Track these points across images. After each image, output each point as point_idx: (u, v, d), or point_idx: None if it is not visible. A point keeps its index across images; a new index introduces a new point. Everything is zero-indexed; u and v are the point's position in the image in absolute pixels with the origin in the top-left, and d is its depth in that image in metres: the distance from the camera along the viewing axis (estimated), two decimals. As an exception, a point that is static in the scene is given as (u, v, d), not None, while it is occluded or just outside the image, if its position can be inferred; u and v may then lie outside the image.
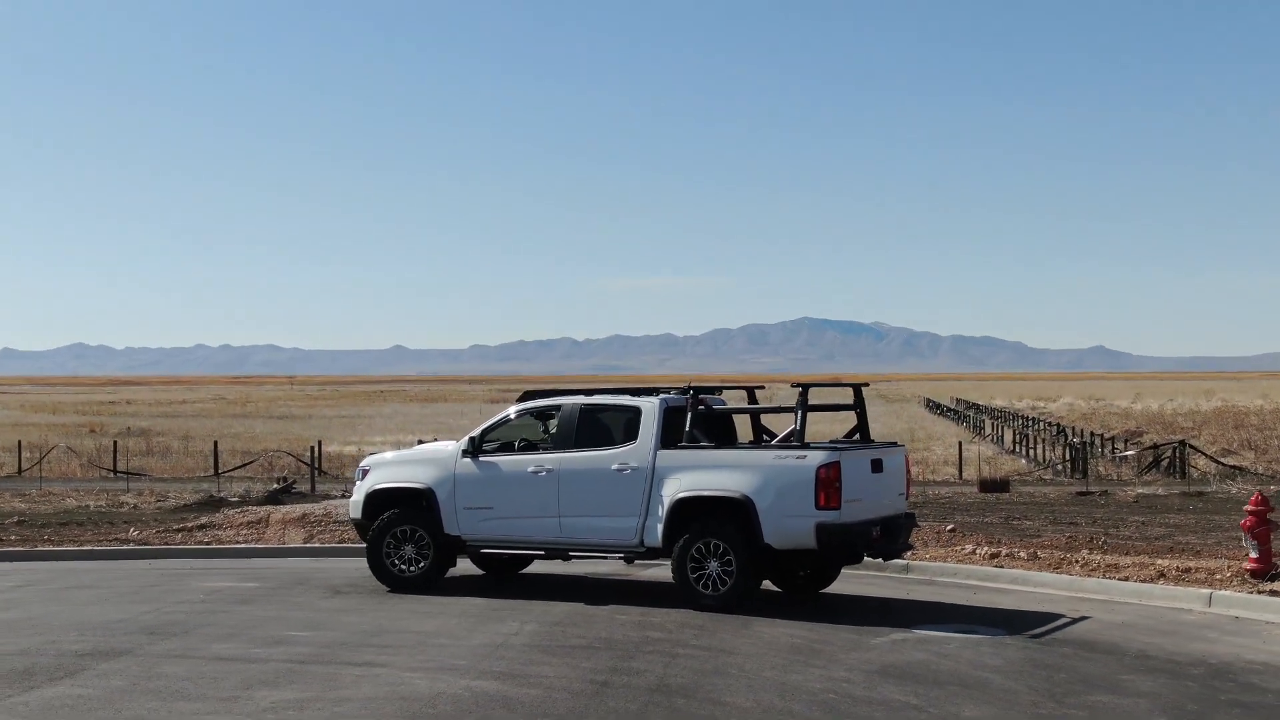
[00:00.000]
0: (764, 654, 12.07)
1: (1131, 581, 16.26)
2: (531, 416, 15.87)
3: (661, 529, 14.55)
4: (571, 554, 15.34)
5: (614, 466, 14.86)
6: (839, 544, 14.06)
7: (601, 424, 15.27)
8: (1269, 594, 14.98)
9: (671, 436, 14.85)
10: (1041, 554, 18.15)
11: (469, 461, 15.63)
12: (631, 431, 14.94)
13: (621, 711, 9.93)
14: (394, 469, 16.23)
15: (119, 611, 14.44)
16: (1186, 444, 38.46)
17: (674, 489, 14.51)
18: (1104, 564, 17.34)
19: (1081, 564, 17.40)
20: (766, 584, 15.54)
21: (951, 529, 20.50)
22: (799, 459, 14.03)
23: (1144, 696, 10.76)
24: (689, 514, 14.48)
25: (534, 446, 15.57)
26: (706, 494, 14.36)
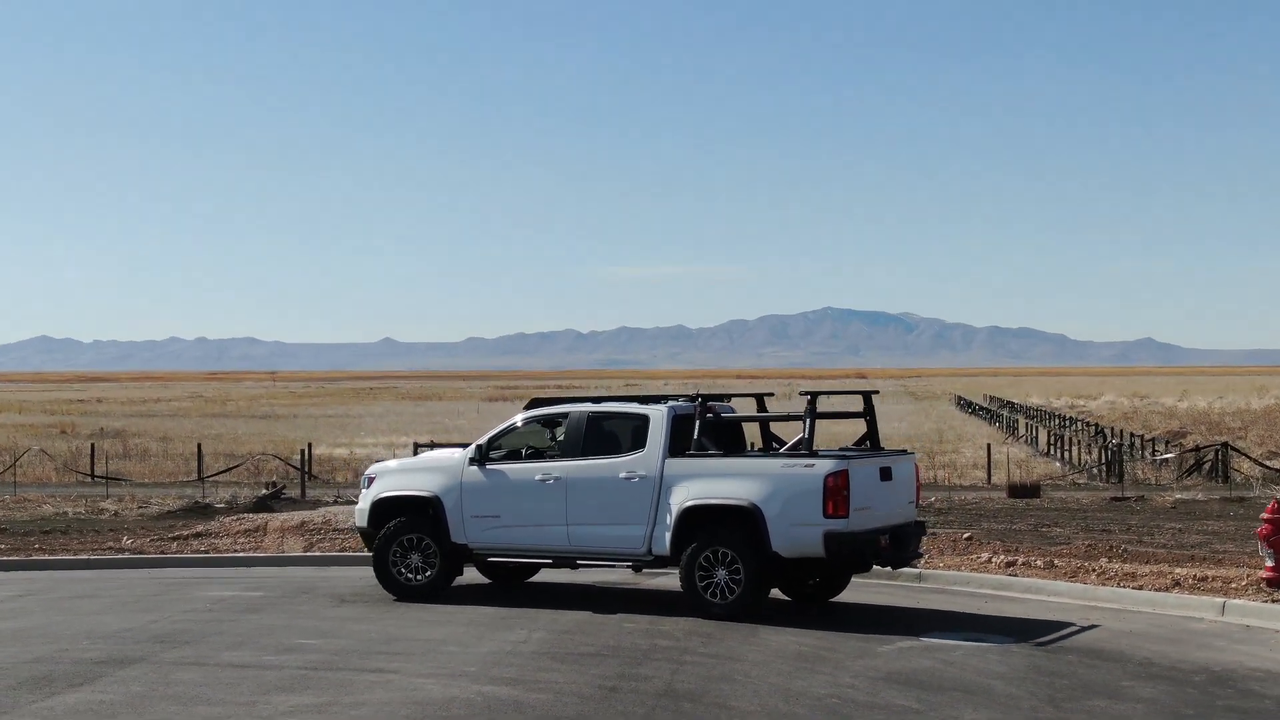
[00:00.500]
0: (770, 661, 13.26)
1: (1145, 590, 17.42)
2: (538, 424, 17.08)
3: (669, 537, 15.76)
4: (579, 562, 16.59)
5: (622, 475, 16.06)
6: (847, 553, 15.25)
7: (609, 432, 16.48)
8: (1282, 603, 16.12)
9: (679, 445, 16.05)
10: (1059, 562, 19.31)
11: (476, 469, 16.84)
12: (639, 440, 16.14)
13: (629, 715, 11.11)
14: (400, 477, 17.45)
15: (126, 620, 15.66)
16: (1229, 446, 39.49)
17: (682, 497, 15.71)
18: (1121, 572, 18.50)
19: (1098, 573, 18.56)
20: (775, 593, 16.72)
21: (968, 537, 21.65)
22: (807, 467, 15.22)
23: (1142, 702, 11.92)
24: (697, 522, 15.68)
25: (541, 454, 16.79)
26: (714, 502, 15.56)
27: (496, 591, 17.86)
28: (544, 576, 18.79)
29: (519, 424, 17.12)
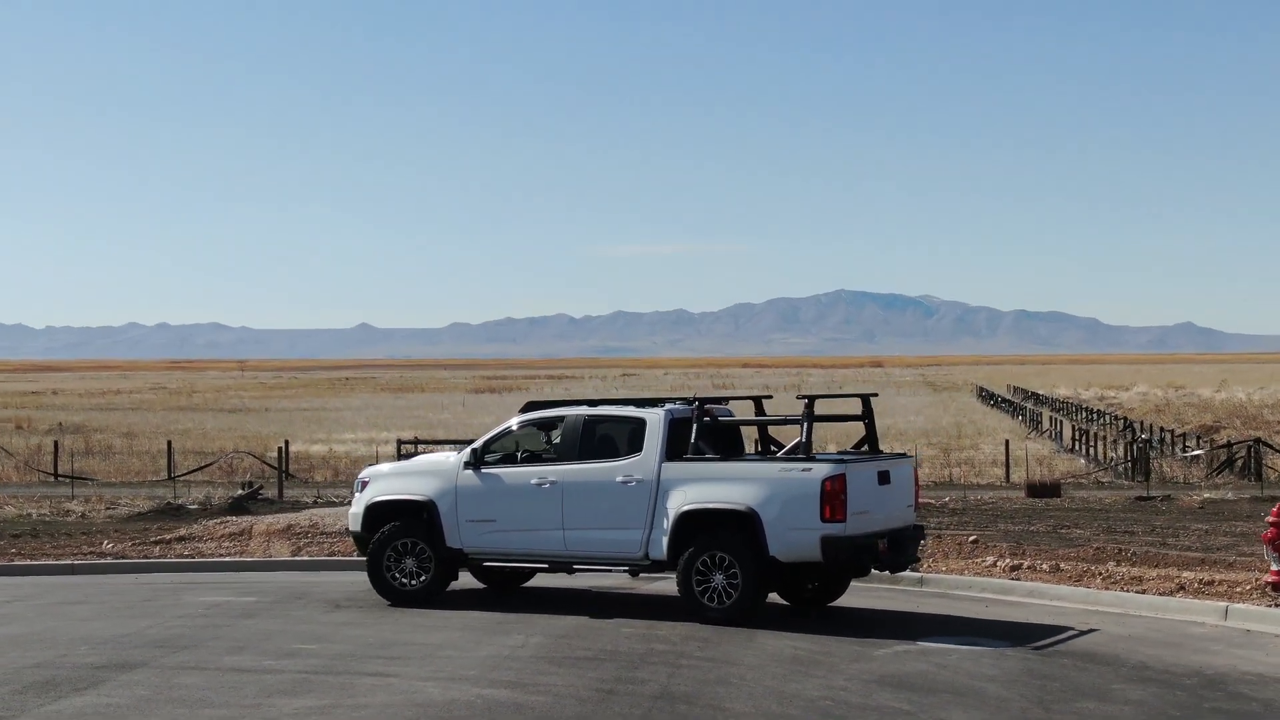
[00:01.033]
0: (766, 664, 14.53)
1: (1149, 595, 18.70)
2: (534, 427, 18.33)
3: (666, 542, 17.01)
4: (576, 567, 17.87)
5: (618, 479, 17.31)
6: (844, 557, 16.52)
7: (605, 436, 17.75)
8: (1285, 607, 17.38)
9: (676, 448, 17.30)
10: (1065, 566, 20.57)
11: (471, 473, 18.10)
12: (636, 443, 17.39)
13: (627, 716, 12.37)
14: (394, 481, 18.71)
15: (122, 626, 16.92)
16: (1262, 442, 40.53)
17: (679, 501, 16.97)
18: (1128, 576, 19.77)
19: (1104, 577, 19.83)
20: (774, 597, 17.94)
21: (974, 540, 22.91)
22: (804, 471, 16.47)
23: (1130, 704, 13.18)
24: (694, 527, 16.94)
25: (537, 458, 18.05)
26: (712, 507, 16.82)
27: (491, 597, 19.12)
28: (539, 581, 20.02)
29: (514, 427, 18.36)
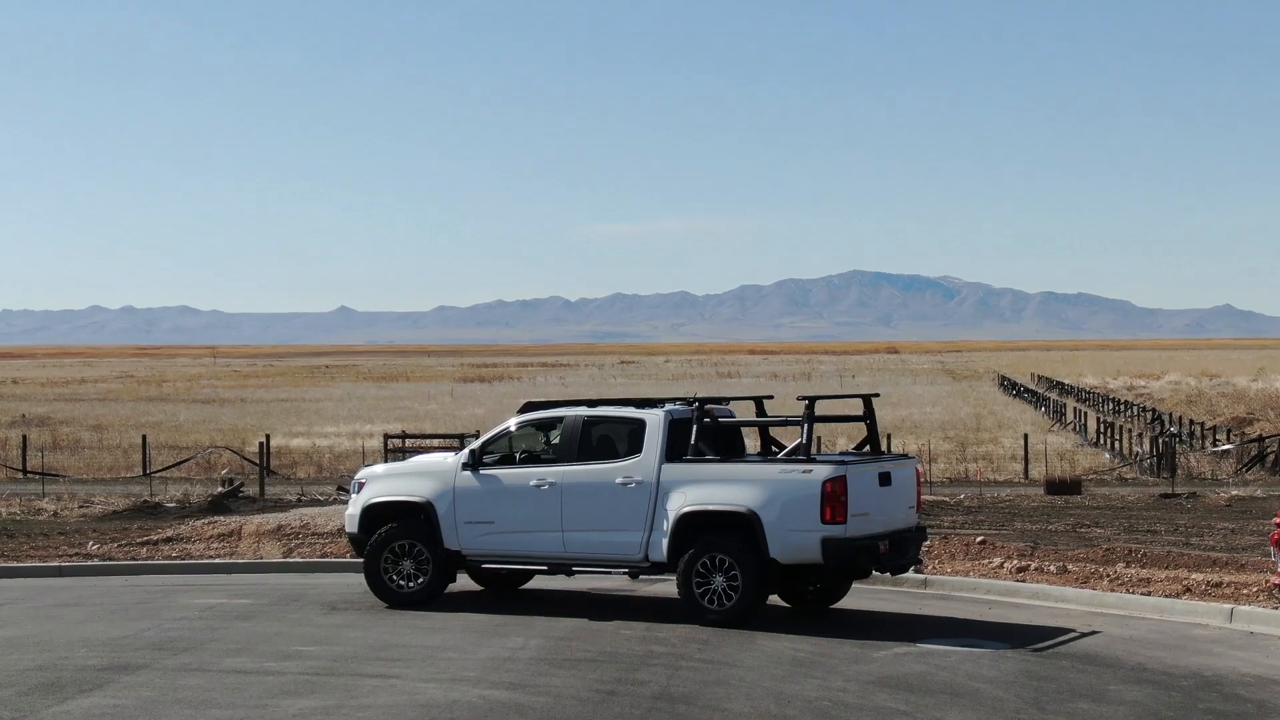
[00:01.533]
0: (765, 666, 15.68)
1: (1154, 596, 19.85)
2: (532, 428, 19.47)
3: (666, 544, 18.16)
4: (575, 569, 19.03)
5: (618, 480, 18.45)
6: (845, 559, 17.67)
7: (605, 436, 18.90)
8: (1290, 609, 18.51)
9: (676, 449, 18.43)
10: (1072, 568, 21.73)
11: (469, 474, 19.23)
12: (635, 444, 18.53)
13: (626, 716, 13.53)
14: (391, 482, 19.85)
15: (119, 629, 18.08)
16: (1292, 436, 41.65)
17: (679, 503, 18.10)
18: (1136, 578, 20.94)
19: (1111, 578, 20.99)
20: (775, 599, 19.09)
21: (981, 540, 24.06)
22: (805, 473, 17.61)
23: (1125, 705, 14.33)
24: (694, 528, 18.07)
25: (535, 459, 19.19)
26: (712, 508, 17.96)
27: (490, 599, 20.29)
28: (538, 583, 21.18)
29: (512, 428, 19.50)
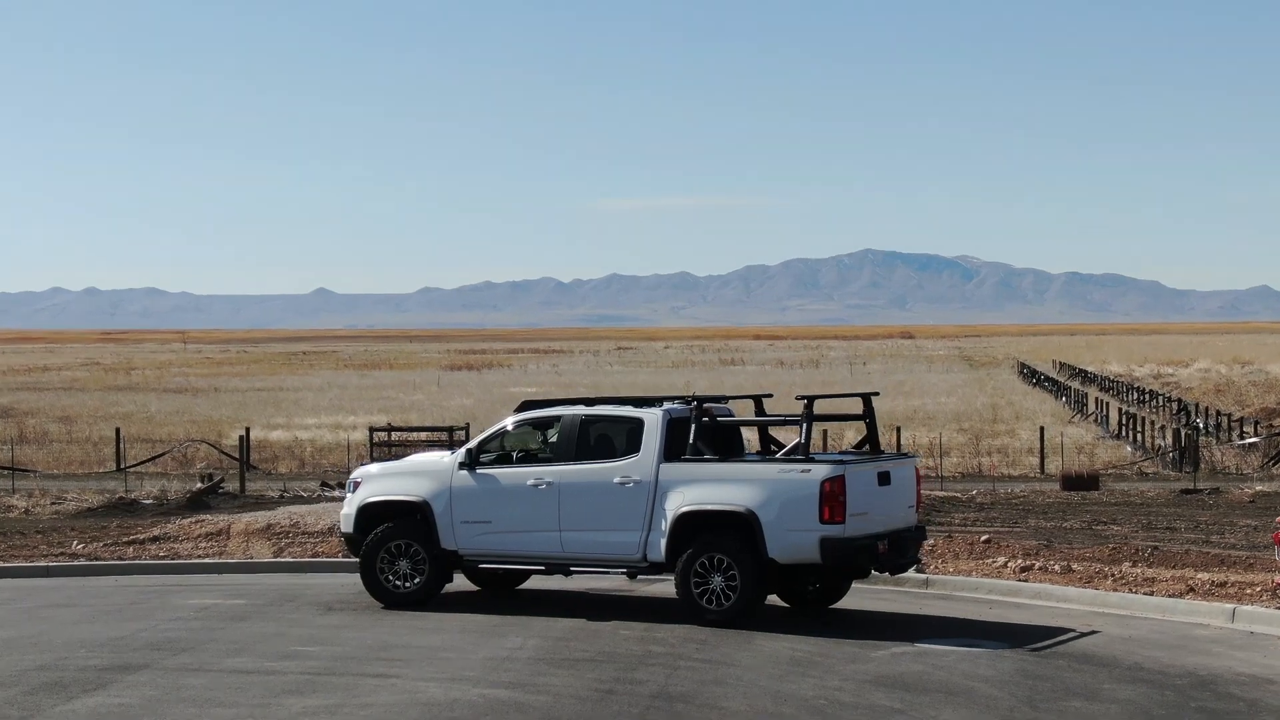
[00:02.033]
0: (763, 665, 16.87)
1: (1157, 596, 21.02)
2: (530, 427, 20.67)
3: (665, 543, 19.33)
4: (573, 569, 20.23)
5: (616, 479, 19.63)
6: (844, 558, 18.87)
7: (603, 436, 20.09)
8: (1293, 609, 19.67)
9: (675, 449, 19.60)
10: (1077, 567, 22.91)
11: (466, 474, 20.40)
12: (634, 443, 19.70)
13: (625, 714, 14.71)
14: (387, 481, 21.04)
15: (114, 629, 19.25)
16: (1322, 429, 42.57)
17: (677, 503, 19.27)
18: (1141, 577, 22.13)
19: (1116, 578, 22.17)
20: (774, 599, 20.26)
21: (986, 539, 25.23)
22: (803, 472, 18.78)
23: (1117, 703, 15.50)
24: (692, 528, 19.24)
25: (533, 458, 20.37)
26: (710, 508, 19.13)
27: (487, 599, 21.48)
28: (536, 584, 22.37)
29: (510, 427, 20.68)
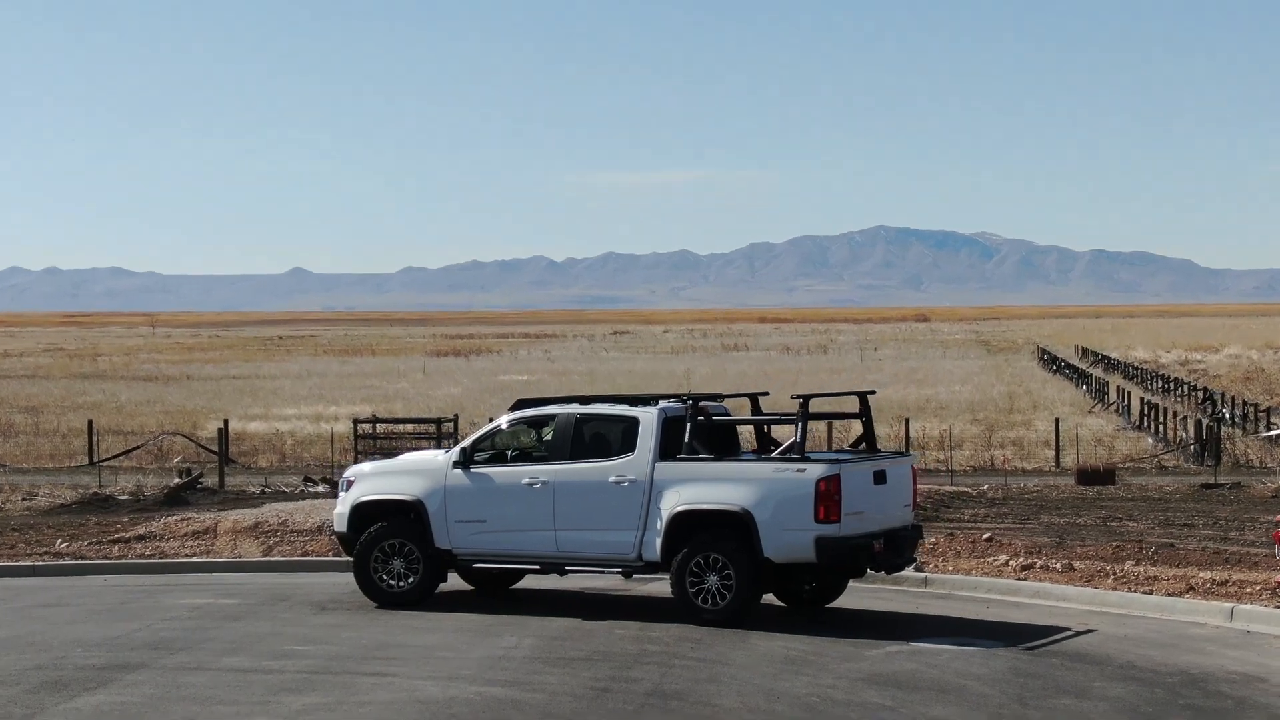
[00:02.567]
0: (758, 664, 18.15)
1: (1157, 595, 22.28)
2: (524, 425, 21.93)
3: (660, 543, 20.59)
4: (568, 569, 21.52)
5: (611, 479, 20.89)
6: (839, 558, 20.14)
7: (598, 434, 21.33)
8: (1293, 608, 20.90)
9: (670, 448, 20.84)
10: (1079, 566, 24.17)
11: (460, 472, 21.65)
12: (629, 442, 20.95)
13: (620, 712, 15.99)
14: (381, 480, 22.30)
15: (108, 629, 20.53)
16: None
17: (673, 502, 20.52)
18: (1142, 576, 23.39)
19: (1116, 577, 23.43)
20: (770, 598, 21.52)
21: (988, 537, 26.50)
22: (799, 472, 20.03)
23: (1106, 701, 16.77)
24: (688, 528, 20.49)
25: (527, 457, 21.64)
26: (706, 508, 20.39)
27: (482, 598, 22.77)
28: (531, 583, 23.65)
29: (504, 425, 21.95)
